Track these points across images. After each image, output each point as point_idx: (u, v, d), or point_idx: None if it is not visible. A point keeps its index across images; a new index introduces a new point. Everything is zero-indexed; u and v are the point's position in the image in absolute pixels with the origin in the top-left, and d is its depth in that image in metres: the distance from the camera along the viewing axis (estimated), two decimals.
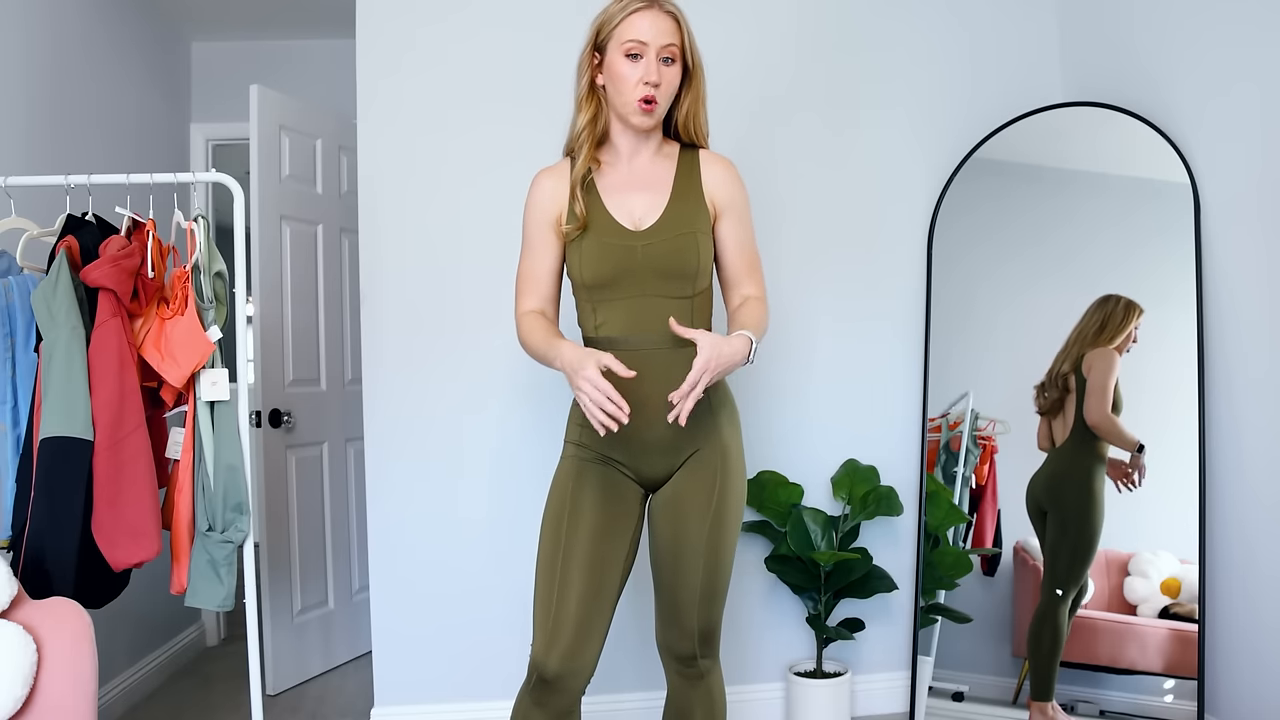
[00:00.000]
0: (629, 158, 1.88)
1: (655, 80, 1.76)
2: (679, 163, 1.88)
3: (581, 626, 1.75)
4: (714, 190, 1.87)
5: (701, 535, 1.81)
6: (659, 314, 1.79)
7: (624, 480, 1.87)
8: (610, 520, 1.83)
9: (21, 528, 1.97)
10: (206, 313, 2.19)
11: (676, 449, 1.84)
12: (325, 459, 3.54)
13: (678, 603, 1.84)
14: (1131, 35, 2.71)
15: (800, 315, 2.91)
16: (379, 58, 2.82)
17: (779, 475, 2.80)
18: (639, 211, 1.83)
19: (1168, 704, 2.38)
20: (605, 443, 1.83)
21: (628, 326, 1.81)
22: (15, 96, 2.63)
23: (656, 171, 1.87)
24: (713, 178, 1.88)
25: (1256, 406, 2.27)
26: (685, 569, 1.82)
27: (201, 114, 3.93)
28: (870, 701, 2.90)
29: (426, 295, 2.80)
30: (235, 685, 3.29)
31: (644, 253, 1.79)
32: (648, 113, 1.79)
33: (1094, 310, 2.60)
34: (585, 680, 1.79)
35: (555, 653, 1.73)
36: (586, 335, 1.89)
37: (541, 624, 1.77)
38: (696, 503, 1.82)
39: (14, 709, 1.67)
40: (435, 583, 2.78)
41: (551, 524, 1.83)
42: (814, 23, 2.96)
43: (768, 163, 2.90)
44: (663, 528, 1.85)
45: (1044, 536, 2.62)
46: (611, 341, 1.81)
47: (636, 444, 1.83)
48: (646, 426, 1.79)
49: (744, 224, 1.91)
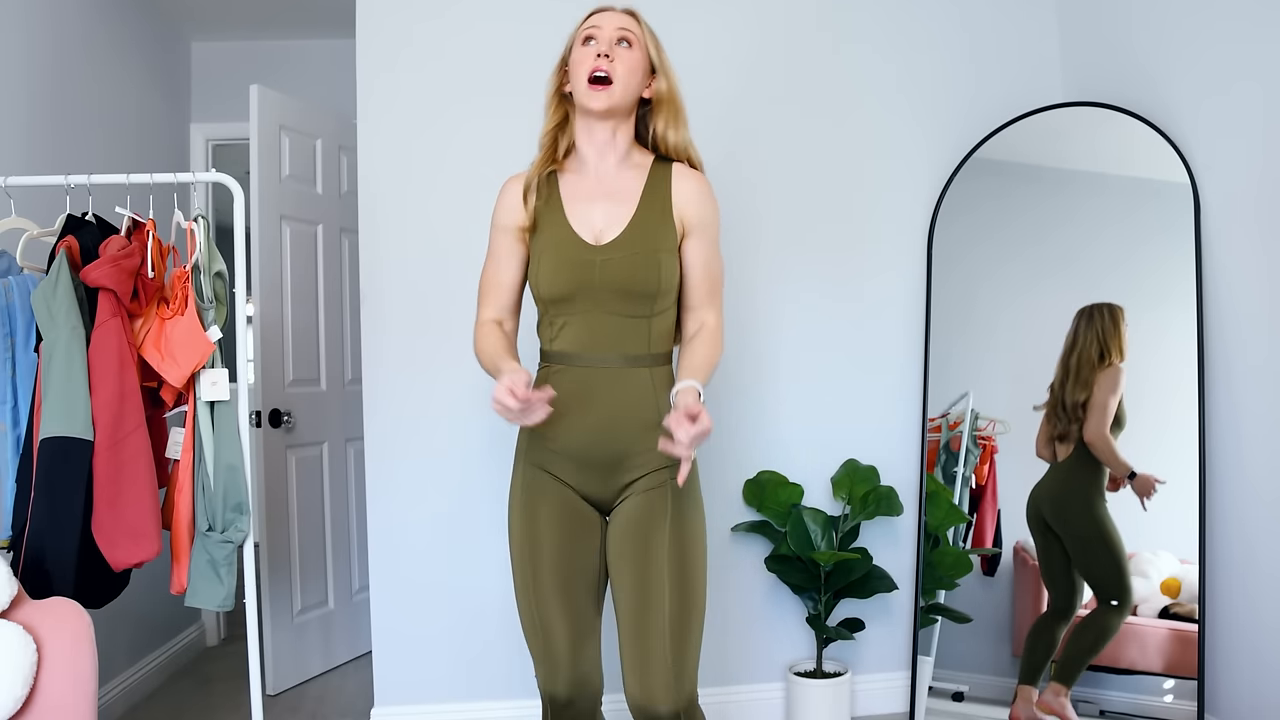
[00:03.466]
0: (595, 165, 1.80)
1: (605, 52, 1.72)
2: (650, 175, 1.80)
3: (575, 652, 1.76)
4: (683, 207, 1.78)
5: (662, 554, 1.70)
6: (614, 333, 1.74)
7: (576, 497, 1.81)
8: (572, 539, 1.78)
9: (21, 528, 1.97)
10: (206, 313, 2.19)
11: (622, 469, 1.77)
12: (325, 459, 3.54)
13: (646, 636, 1.68)
14: (1131, 35, 2.71)
15: (800, 315, 2.92)
16: (379, 57, 2.82)
17: (779, 475, 2.80)
18: (600, 224, 1.75)
19: (1168, 704, 2.38)
20: (550, 459, 1.79)
21: (582, 344, 1.75)
22: (15, 96, 2.63)
23: (623, 181, 1.79)
24: (683, 194, 1.79)
25: (1257, 407, 2.27)
26: (650, 594, 1.69)
27: (201, 114, 3.93)
28: (870, 701, 2.90)
29: (426, 295, 2.80)
30: (235, 685, 3.29)
31: (602, 269, 1.72)
32: (598, 91, 1.71)
33: (1084, 329, 2.59)
34: (598, 693, 1.80)
35: (560, 682, 1.75)
36: (543, 347, 1.84)
37: (539, 658, 1.78)
38: (653, 521, 1.73)
39: (14, 709, 1.67)
40: (435, 583, 2.78)
41: (518, 557, 1.80)
42: (813, 22, 2.96)
43: (767, 163, 2.91)
44: (620, 554, 1.75)
45: (1044, 549, 2.61)
46: (565, 356, 1.77)
47: (582, 461, 1.77)
48: (593, 445, 1.76)
49: (711, 245, 1.82)
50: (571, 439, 1.76)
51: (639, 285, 1.73)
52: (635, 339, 1.75)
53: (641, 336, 1.75)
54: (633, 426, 1.75)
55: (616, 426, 1.74)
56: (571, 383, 1.75)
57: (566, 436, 1.76)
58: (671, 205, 1.78)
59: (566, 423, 1.74)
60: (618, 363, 1.74)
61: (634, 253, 1.73)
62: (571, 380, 1.75)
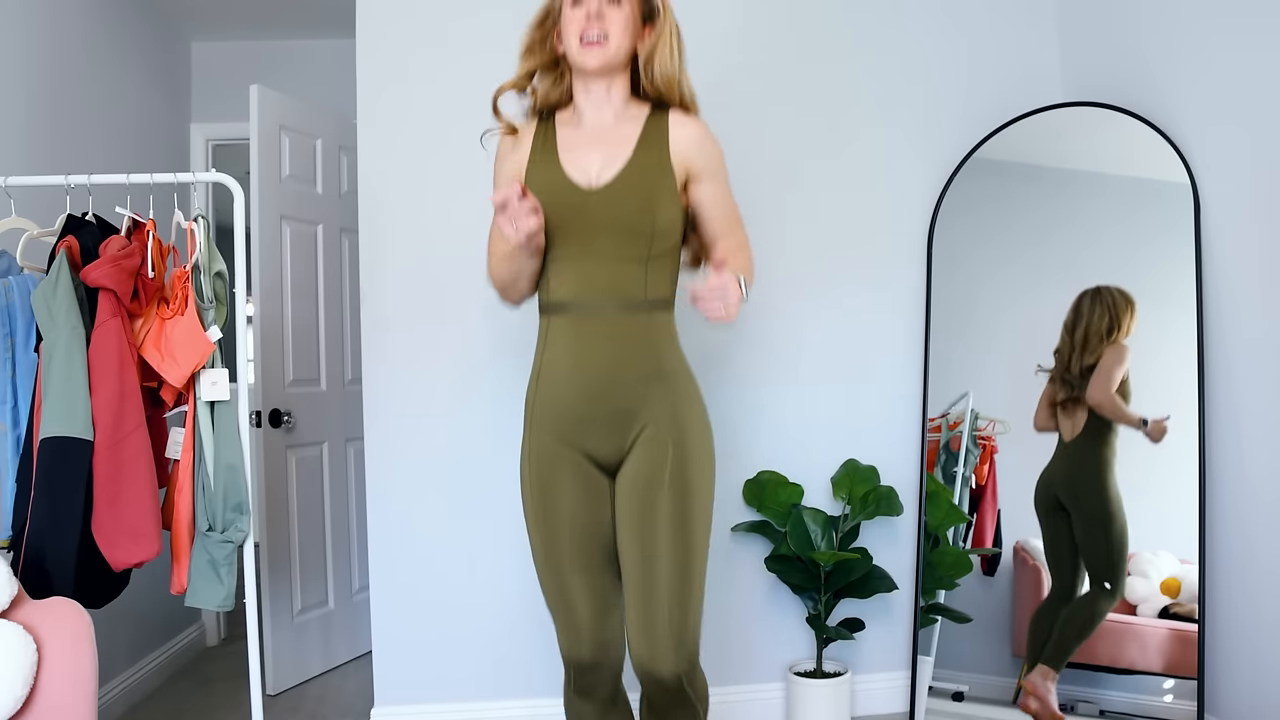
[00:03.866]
0: (591, 117, 1.81)
1: (596, 10, 1.72)
2: (646, 124, 1.79)
3: (598, 619, 1.79)
4: (684, 152, 1.77)
5: (662, 513, 1.71)
6: (611, 275, 1.74)
7: (586, 463, 1.80)
8: (587, 507, 1.78)
9: (21, 528, 1.97)
10: (206, 313, 2.19)
11: (623, 423, 1.75)
12: (325, 459, 3.54)
13: (648, 599, 1.70)
14: (1131, 35, 2.71)
15: (801, 315, 2.91)
16: (379, 57, 2.82)
17: (779, 475, 2.80)
18: (595, 169, 1.75)
19: (1168, 704, 2.38)
20: (556, 422, 1.77)
21: (578, 289, 1.75)
22: (15, 96, 2.63)
23: (620, 131, 1.79)
24: (682, 139, 1.77)
25: (1257, 407, 2.27)
26: (653, 550, 1.71)
27: (201, 114, 3.93)
28: (870, 701, 2.90)
29: (427, 295, 2.80)
30: (235, 685, 3.29)
31: (596, 207, 1.73)
32: (589, 48, 1.72)
33: (1092, 304, 2.60)
34: (621, 655, 1.83)
35: (585, 647, 1.79)
36: (540, 300, 1.83)
37: (562, 627, 1.81)
38: (654, 477, 1.72)
39: (14, 709, 1.67)
40: (435, 583, 2.78)
41: (536, 530, 1.81)
42: (813, 22, 2.96)
43: (767, 163, 2.90)
44: (623, 513, 1.75)
45: (1051, 531, 2.61)
46: (561, 306, 1.77)
47: (586, 417, 1.76)
48: (595, 398, 1.75)
49: (720, 183, 1.83)
50: (574, 394, 1.75)
51: (633, 221, 1.73)
52: (632, 282, 1.75)
53: (638, 280, 1.75)
54: (633, 377, 1.75)
55: (617, 378, 1.74)
56: (570, 336, 1.76)
57: (569, 392, 1.76)
58: (669, 151, 1.77)
59: (566, 382, 1.75)
60: (615, 308, 1.74)
61: (629, 191, 1.74)
62: (570, 333, 1.76)
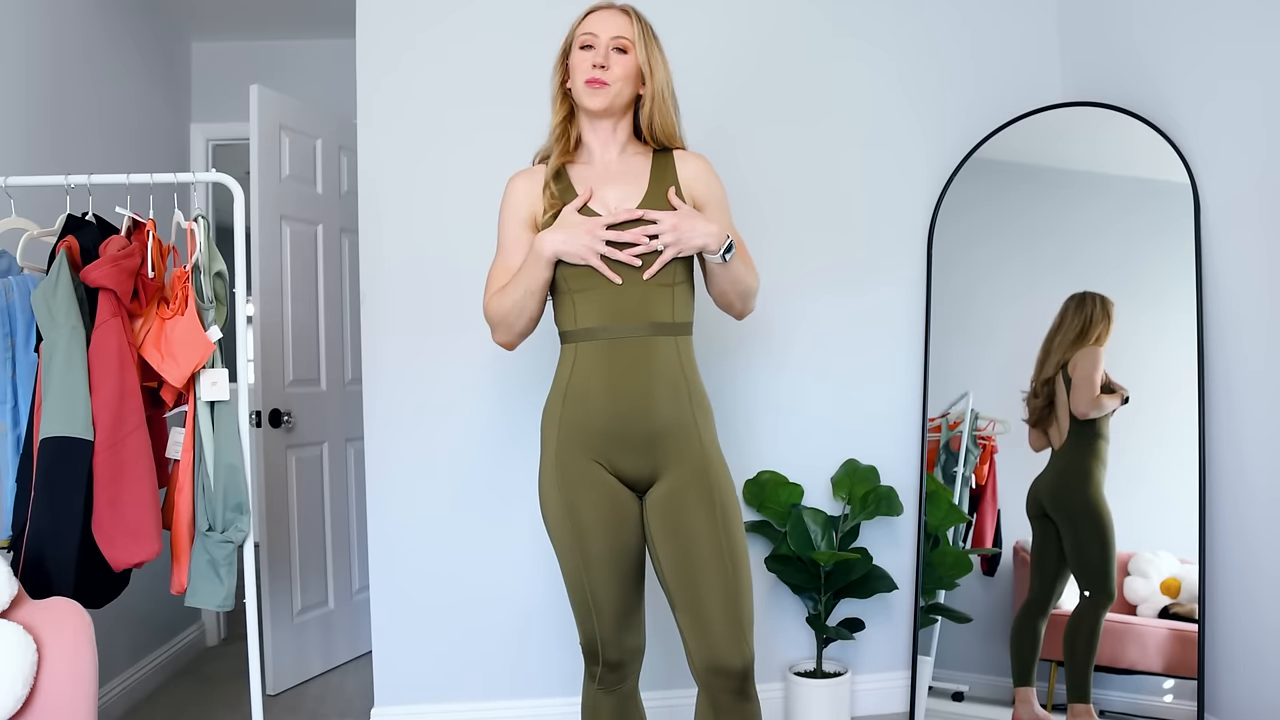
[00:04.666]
0: (600, 155, 1.91)
1: (601, 63, 1.82)
2: (654, 161, 1.91)
3: (624, 626, 1.86)
4: (692, 185, 1.89)
5: (714, 527, 1.75)
6: (641, 301, 1.78)
7: (611, 477, 1.82)
8: (615, 518, 1.80)
9: (21, 528, 1.97)
10: (206, 313, 2.19)
11: (654, 443, 1.78)
12: (325, 459, 3.54)
13: (703, 604, 1.73)
14: (1131, 35, 2.71)
15: (800, 315, 2.92)
16: (379, 57, 2.82)
17: (779, 475, 2.80)
18: (614, 202, 1.85)
19: (1168, 704, 2.38)
20: (584, 440, 1.79)
21: (608, 315, 1.79)
22: (15, 96, 2.63)
23: (630, 166, 1.90)
24: (689, 173, 1.90)
25: (1256, 406, 2.27)
26: (702, 563, 1.74)
27: (201, 114, 3.93)
28: (870, 701, 2.90)
29: (427, 295, 2.80)
30: (235, 685, 3.29)
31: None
32: (594, 88, 1.82)
33: (1073, 314, 2.61)
34: (641, 656, 1.92)
35: (610, 650, 1.85)
36: (564, 329, 1.85)
37: (589, 632, 1.86)
38: (695, 495, 1.77)
39: (14, 709, 1.67)
40: (435, 583, 2.78)
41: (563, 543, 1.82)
42: (812, 21, 2.96)
43: (767, 162, 2.91)
44: (666, 530, 1.78)
45: (1041, 539, 2.62)
46: (590, 332, 1.80)
47: (617, 438, 1.78)
48: (626, 422, 1.77)
49: (725, 215, 1.94)
50: (605, 417, 1.78)
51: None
52: (660, 306, 1.80)
53: (665, 303, 1.80)
54: (664, 398, 1.78)
55: (648, 402, 1.77)
56: (601, 359, 1.78)
57: (601, 413, 1.78)
58: (679, 185, 1.88)
59: (598, 402, 1.78)
60: (644, 332, 1.78)
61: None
62: (601, 357, 1.79)
